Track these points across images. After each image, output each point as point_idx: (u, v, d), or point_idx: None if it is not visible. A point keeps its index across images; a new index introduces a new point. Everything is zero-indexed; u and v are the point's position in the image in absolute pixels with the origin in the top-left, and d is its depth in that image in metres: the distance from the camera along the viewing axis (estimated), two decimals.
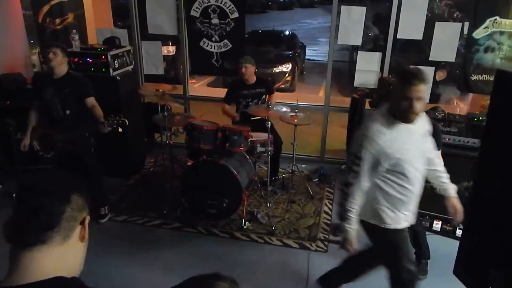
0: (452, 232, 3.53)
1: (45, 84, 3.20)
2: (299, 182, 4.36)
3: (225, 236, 3.51)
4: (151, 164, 4.75)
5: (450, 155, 3.32)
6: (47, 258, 0.87)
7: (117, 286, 2.92)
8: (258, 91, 4.07)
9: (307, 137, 5.09)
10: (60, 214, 0.89)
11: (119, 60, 4.12)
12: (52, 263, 0.88)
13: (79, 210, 0.94)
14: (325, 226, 3.67)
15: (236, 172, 3.43)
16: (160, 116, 3.94)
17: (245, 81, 4.03)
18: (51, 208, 0.88)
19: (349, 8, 4.26)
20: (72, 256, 0.94)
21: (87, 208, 0.97)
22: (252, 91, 4.06)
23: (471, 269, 1.40)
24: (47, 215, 0.87)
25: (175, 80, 7.03)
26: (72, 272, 0.92)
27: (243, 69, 3.95)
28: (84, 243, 0.98)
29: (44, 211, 0.87)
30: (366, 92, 4.37)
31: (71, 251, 0.92)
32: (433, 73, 4.26)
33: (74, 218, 0.93)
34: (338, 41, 4.43)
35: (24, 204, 0.87)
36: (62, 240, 0.89)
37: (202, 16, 4.64)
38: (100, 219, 3.57)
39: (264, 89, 4.10)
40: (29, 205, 0.87)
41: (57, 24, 5.02)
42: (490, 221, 1.32)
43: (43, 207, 0.87)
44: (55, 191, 0.91)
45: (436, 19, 4.17)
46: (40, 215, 0.86)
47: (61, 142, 3.17)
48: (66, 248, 0.90)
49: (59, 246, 0.89)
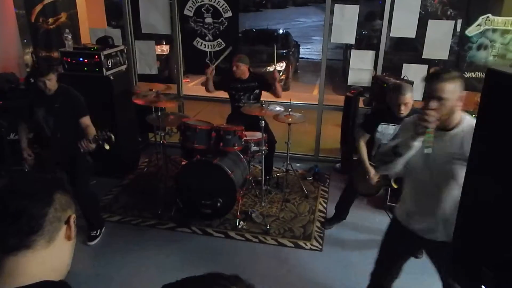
0: None
1: (37, 104, 3.06)
2: (294, 181, 4.37)
3: (219, 236, 3.51)
4: (145, 164, 4.73)
5: None
6: (32, 262, 0.85)
7: (112, 286, 2.92)
8: (251, 85, 4.05)
9: (301, 136, 5.10)
10: (43, 216, 0.87)
11: (112, 59, 4.09)
12: (38, 266, 0.86)
13: (63, 209, 0.91)
14: (320, 225, 3.67)
15: (231, 171, 3.43)
16: (154, 116, 3.93)
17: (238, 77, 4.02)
18: (33, 211, 0.86)
19: (342, 7, 4.26)
20: (59, 257, 0.91)
21: (72, 206, 0.94)
22: (244, 85, 4.04)
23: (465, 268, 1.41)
24: (29, 219, 0.85)
25: (168, 80, 7.00)
26: (59, 274, 0.90)
27: (234, 67, 3.94)
28: (71, 242, 0.95)
29: (26, 214, 0.85)
30: (360, 90, 4.39)
31: (58, 253, 0.90)
32: (426, 71, 4.28)
33: (58, 219, 0.90)
34: (332, 40, 4.43)
35: (5, 207, 0.85)
36: (47, 243, 0.87)
37: (195, 15, 4.62)
38: (89, 240, 3.34)
39: (257, 83, 4.06)
40: (10, 209, 0.84)
41: (50, 23, 4.99)
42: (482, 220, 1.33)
43: (24, 210, 0.85)
44: (36, 193, 0.88)
45: (430, 17, 4.18)
46: (22, 219, 0.84)
47: (52, 163, 3.04)
48: (52, 250, 0.88)
49: (44, 249, 0.87)
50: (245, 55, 4.15)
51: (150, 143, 5.07)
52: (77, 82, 3.99)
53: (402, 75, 4.13)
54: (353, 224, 3.63)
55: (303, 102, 4.97)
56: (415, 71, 4.20)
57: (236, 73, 3.95)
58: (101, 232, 3.45)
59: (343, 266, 3.17)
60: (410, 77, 4.02)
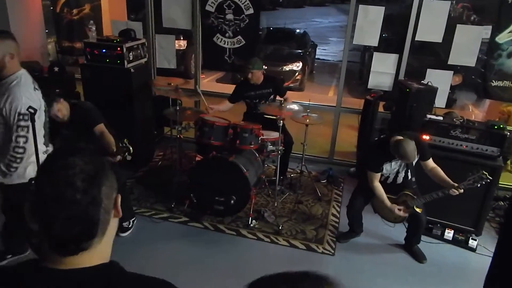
0: (464, 242, 3.47)
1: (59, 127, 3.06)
2: (307, 183, 4.32)
3: (231, 233, 3.49)
4: (159, 158, 4.74)
5: (466, 163, 3.27)
6: (90, 257, 0.84)
7: None
8: (265, 91, 4.02)
9: (315, 138, 5.04)
10: (97, 218, 0.82)
11: (134, 52, 4.10)
12: (96, 258, 0.85)
13: (110, 198, 0.86)
14: (333, 229, 3.63)
15: (246, 170, 3.41)
16: (172, 109, 3.92)
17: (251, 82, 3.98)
18: (87, 217, 0.80)
19: (367, 8, 4.19)
20: (110, 238, 0.90)
21: (115, 184, 0.88)
22: (258, 92, 4.01)
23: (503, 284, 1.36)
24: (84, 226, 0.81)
25: (184, 75, 7.01)
26: (107, 254, 0.89)
27: (249, 74, 3.90)
28: (117, 218, 0.91)
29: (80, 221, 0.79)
30: (380, 94, 4.31)
31: (109, 235, 0.88)
32: (451, 77, 4.18)
33: (108, 212, 0.85)
34: (354, 41, 4.35)
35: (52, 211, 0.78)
36: (101, 237, 0.85)
37: (217, 11, 4.60)
38: (121, 231, 3.36)
39: (271, 89, 4.03)
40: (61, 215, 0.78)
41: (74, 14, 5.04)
42: None
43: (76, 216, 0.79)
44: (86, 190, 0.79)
45: (452, 22, 4.07)
46: (76, 227, 0.79)
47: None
48: (106, 237, 0.86)
49: (99, 243, 0.85)
50: (260, 56, 4.10)
51: (165, 136, 5.08)
52: (98, 73, 4.06)
53: (425, 80, 4.04)
54: (367, 230, 3.57)
55: (320, 104, 4.91)
56: (439, 77, 4.11)
57: (251, 80, 3.92)
58: (133, 224, 3.47)
59: (355, 273, 3.12)
60: (434, 83, 3.93)
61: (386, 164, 3.09)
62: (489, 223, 3.78)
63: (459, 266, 3.28)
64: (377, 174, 3.11)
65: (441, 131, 3.44)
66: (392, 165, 3.10)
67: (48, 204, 0.78)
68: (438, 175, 3.00)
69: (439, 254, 3.38)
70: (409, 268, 3.21)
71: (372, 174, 3.11)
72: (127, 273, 0.87)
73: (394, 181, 3.18)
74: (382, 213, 3.30)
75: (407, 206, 3.11)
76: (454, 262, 3.32)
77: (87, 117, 3.04)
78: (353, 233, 3.50)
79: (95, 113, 3.09)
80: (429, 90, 3.87)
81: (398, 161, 3.06)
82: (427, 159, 3.06)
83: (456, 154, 3.38)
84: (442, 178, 2.97)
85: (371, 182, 3.12)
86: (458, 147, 3.40)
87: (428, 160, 3.06)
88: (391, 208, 3.10)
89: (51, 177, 0.80)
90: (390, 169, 3.11)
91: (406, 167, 3.11)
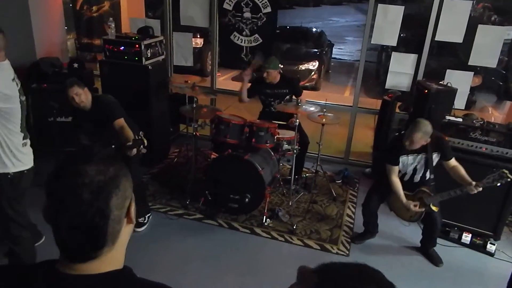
0: (482, 246, 3.40)
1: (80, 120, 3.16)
2: (322, 183, 4.30)
3: (245, 231, 3.50)
4: (175, 155, 4.78)
5: (486, 166, 3.20)
6: (99, 263, 0.82)
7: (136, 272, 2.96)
8: (281, 91, 4.00)
9: (331, 138, 5.02)
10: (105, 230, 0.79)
11: (152, 49, 4.14)
12: (106, 265, 0.83)
13: (123, 207, 0.82)
14: (348, 230, 3.60)
15: (261, 168, 3.41)
16: (188, 107, 3.95)
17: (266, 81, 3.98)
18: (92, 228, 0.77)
19: (386, 7, 4.14)
20: (123, 245, 0.88)
21: (131, 193, 0.85)
22: (274, 91, 4.00)
23: None
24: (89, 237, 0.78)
25: (200, 73, 7.06)
26: (120, 260, 0.88)
27: (265, 74, 3.89)
28: (132, 224, 0.88)
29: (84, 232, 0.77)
30: (398, 94, 4.26)
31: (121, 243, 0.86)
32: (471, 78, 4.09)
33: (119, 221, 0.82)
34: (372, 41, 4.30)
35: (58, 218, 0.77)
36: (111, 245, 0.82)
37: (234, 9, 4.61)
38: (137, 227, 3.37)
39: (287, 90, 4.02)
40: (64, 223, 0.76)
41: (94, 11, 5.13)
42: None
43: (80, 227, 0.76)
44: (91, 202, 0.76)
45: (472, 22, 3.99)
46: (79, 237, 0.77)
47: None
48: (117, 245, 0.84)
49: (110, 251, 0.83)
50: (275, 57, 4.10)
51: (181, 134, 5.12)
52: (116, 69, 4.11)
53: (445, 81, 3.97)
54: (383, 232, 3.54)
55: (337, 103, 4.87)
56: (459, 78, 4.03)
57: (267, 79, 3.92)
58: (149, 219, 3.51)
59: None
60: (453, 84, 3.86)
61: (402, 157, 3.05)
62: (508, 227, 3.70)
63: (477, 271, 3.22)
64: (395, 168, 3.08)
65: (460, 133, 3.38)
66: (409, 159, 3.06)
67: (54, 210, 0.77)
68: (458, 173, 2.94)
69: (456, 258, 3.32)
70: (425, 272, 3.17)
71: (390, 167, 3.09)
72: (136, 280, 0.85)
73: (411, 179, 3.14)
74: (397, 211, 3.26)
75: (423, 203, 3.06)
76: (471, 266, 3.26)
77: (107, 111, 3.05)
78: (368, 234, 3.47)
79: (116, 107, 3.10)
80: (448, 91, 3.80)
81: (415, 155, 3.01)
82: (449, 159, 3.01)
83: (475, 157, 3.31)
84: (462, 176, 2.92)
85: (389, 176, 3.09)
86: (478, 150, 3.34)
87: (450, 160, 3.01)
88: (406, 204, 3.06)
89: (59, 184, 0.78)
90: (407, 163, 3.07)
91: (425, 165, 3.05)
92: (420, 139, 2.86)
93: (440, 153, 3.00)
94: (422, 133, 2.84)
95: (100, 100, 3.14)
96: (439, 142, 2.97)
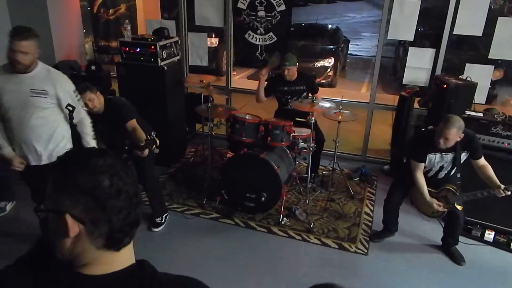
0: (506, 244, 3.31)
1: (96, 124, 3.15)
2: (339, 181, 4.26)
3: (262, 230, 3.50)
4: (191, 154, 4.82)
5: (509, 162, 3.11)
6: (128, 251, 0.87)
7: None
8: (299, 88, 3.99)
9: (348, 135, 4.96)
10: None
11: (167, 50, 4.19)
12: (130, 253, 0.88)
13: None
14: (366, 228, 3.56)
15: (277, 167, 3.40)
16: (204, 106, 3.98)
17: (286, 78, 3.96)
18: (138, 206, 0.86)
19: (403, 2, 4.06)
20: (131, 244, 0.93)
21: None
22: (292, 88, 3.98)
23: None
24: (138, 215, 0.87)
25: (215, 72, 7.09)
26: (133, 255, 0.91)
27: (285, 71, 3.87)
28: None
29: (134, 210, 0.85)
30: (415, 90, 4.17)
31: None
32: (491, 72, 3.97)
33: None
34: (389, 36, 4.22)
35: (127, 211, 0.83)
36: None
37: (248, 8, 4.61)
38: (154, 227, 3.44)
39: (305, 87, 4.00)
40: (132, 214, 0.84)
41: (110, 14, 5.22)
42: None
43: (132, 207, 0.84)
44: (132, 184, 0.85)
45: (492, 15, 3.87)
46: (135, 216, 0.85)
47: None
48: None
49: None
50: (291, 53, 4.07)
51: (197, 133, 5.16)
52: (133, 70, 4.17)
53: (464, 75, 3.87)
54: (403, 230, 3.48)
55: (354, 100, 4.81)
56: (478, 72, 3.92)
57: (286, 77, 3.90)
58: (166, 219, 3.54)
59: (390, 274, 3.05)
60: (473, 78, 3.76)
61: (430, 155, 2.98)
62: None
63: (501, 270, 3.13)
64: (421, 164, 3.00)
65: (481, 128, 3.28)
66: (437, 157, 2.97)
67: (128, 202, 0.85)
68: (486, 173, 2.86)
69: (479, 257, 3.24)
70: (446, 271, 3.10)
71: (415, 163, 3.01)
72: (158, 274, 0.88)
73: (436, 175, 3.06)
74: (419, 206, 3.19)
75: (447, 202, 2.99)
76: (495, 265, 3.17)
77: (119, 112, 3.09)
78: (387, 232, 3.41)
79: (128, 109, 3.13)
80: (468, 86, 3.70)
81: (443, 154, 2.94)
82: (478, 158, 2.93)
83: (497, 153, 3.22)
84: (490, 177, 2.84)
85: (414, 172, 3.02)
86: (500, 145, 3.24)
87: (479, 159, 2.93)
88: (430, 202, 2.99)
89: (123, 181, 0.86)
90: (434, 161, 2.99)
91: (452, 163, 2.98)
92: (455, 136, 2.75)
93: (469, 152, 2.92)
94: (457, 128, 2.73)
95: (112, 102, 3.18)
96: (470, 139, 2.88)
